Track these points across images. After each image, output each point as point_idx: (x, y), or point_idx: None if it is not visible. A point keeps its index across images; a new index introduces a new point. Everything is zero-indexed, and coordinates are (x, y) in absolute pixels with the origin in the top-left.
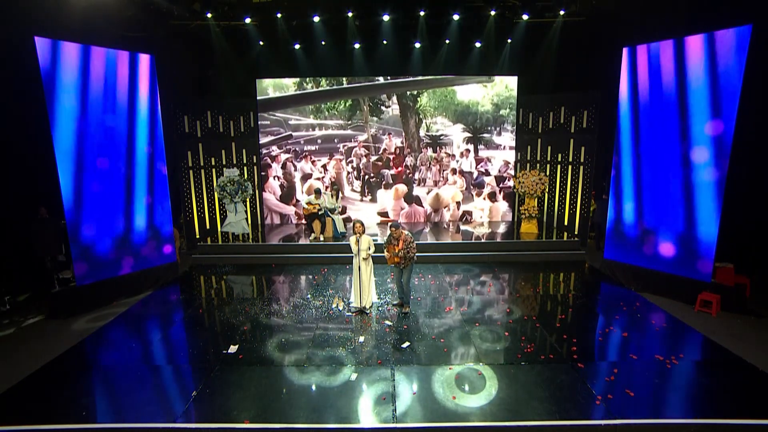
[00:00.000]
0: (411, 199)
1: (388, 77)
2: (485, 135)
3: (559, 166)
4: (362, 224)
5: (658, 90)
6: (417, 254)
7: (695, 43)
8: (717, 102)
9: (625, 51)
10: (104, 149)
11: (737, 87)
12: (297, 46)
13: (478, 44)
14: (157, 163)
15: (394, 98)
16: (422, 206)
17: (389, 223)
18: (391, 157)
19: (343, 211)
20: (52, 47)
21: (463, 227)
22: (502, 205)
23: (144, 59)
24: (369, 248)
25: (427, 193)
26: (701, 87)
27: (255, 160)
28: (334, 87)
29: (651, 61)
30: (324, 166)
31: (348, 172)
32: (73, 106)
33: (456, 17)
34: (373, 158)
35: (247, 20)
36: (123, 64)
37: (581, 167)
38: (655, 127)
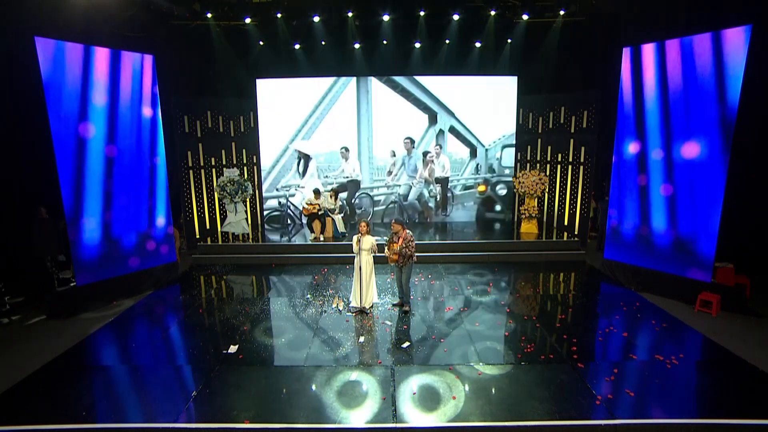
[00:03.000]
0: None
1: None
2: None
3: (559, 166)
4: (366, 224)
5: (658, 90)
6: (417, 254)
7: (695, 43)
8: (717, 102)
9: (625, 51)
10: (104, 149)
11: (737, 87)
12: (297, 46)
13: (478, 44)
14: (157, 163)
15: None
16: None
17: (392, 219)
18: None
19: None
20: (52, 47)
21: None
22: None
23: (144, 59)
24: (371, 248)
25: None
26: (701, 87)
27: (255, 160)
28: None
29: (651, 61)
30: None
31: None
32: (73, 106)
33: (456, 17)
34: None
35: (247, 20)
36: (123, 64)
37: (581, 167)
38: (654, 127)
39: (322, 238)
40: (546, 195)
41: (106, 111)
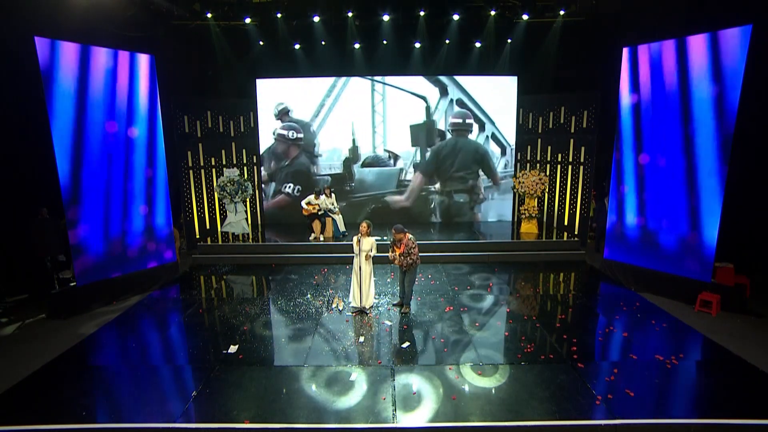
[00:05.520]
0: None
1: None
2: None
3: (559, 166)
4: (368, 225)
5: (658, 90)
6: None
7: (695, 43)
8: (717, 102)
9: (625, 51)
10: (104, 149)
11: (737, 87)
12: (297, 46)
13: (478, 44)
14: (156, 163)
15: None
16: None
17: (393, 226)
18: None
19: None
20: (52, 47)
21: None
22: None
23: (144, 59)
24: (371, 249)
25: None
26: (701, 87)
27: (255, 160)
28: None
29: (651, 61)
30: None
31: None
32: (73, 106)
33: (456, 17)
34: None
35: (247, 20)
36: (123, 64)
37: (581, 167)
38: (655, 128)
39: (322, 238)
40: (546, 195)
41: (105, 111)
